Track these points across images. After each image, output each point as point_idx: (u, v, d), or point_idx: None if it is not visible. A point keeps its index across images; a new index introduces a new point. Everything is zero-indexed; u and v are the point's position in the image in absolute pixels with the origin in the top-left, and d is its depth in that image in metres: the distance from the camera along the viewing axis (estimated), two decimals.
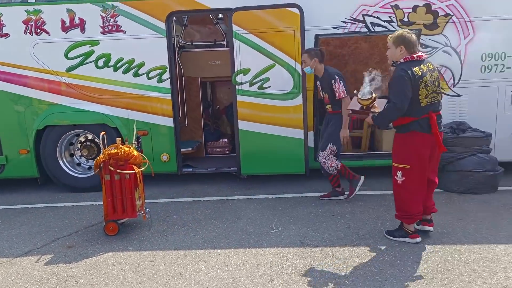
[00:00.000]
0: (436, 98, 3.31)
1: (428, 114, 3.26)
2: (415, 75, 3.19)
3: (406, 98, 3.19)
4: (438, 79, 3.34)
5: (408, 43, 3.27)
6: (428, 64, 3.32)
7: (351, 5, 4.97)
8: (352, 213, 4.27)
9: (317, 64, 4.40)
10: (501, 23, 4.91)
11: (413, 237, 3.50)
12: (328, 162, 4.50)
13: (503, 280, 2.89)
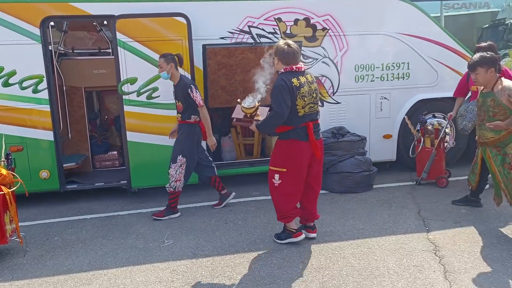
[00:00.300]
0: (313, 108, 3.49)
1: (306, 124, 3.43)
2: (293, 85, 3.34)
3: (286, 106, 3.33)
4: (317, 91, 3.52)
5: (281, 54, 3.41)
6: (307, 75, 3.49)
7: (237, 16, 5.11)
8: (245, 220, 4.36)
9: (174, 70, 4.29)
10: (369, 37, 5.46)
11: (296, 236, 3.65)
12: (175, 176, 4.34)
13: (375, 271, 3.19)
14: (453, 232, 3.82)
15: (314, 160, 3.57)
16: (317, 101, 3.53)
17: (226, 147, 5.76)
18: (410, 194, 4.93)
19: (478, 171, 4.07)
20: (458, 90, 4.93)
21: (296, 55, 3.44)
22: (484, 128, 3.65)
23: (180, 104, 4.35)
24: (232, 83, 5.09)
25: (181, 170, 4.35)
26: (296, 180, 3.54)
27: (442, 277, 3.05)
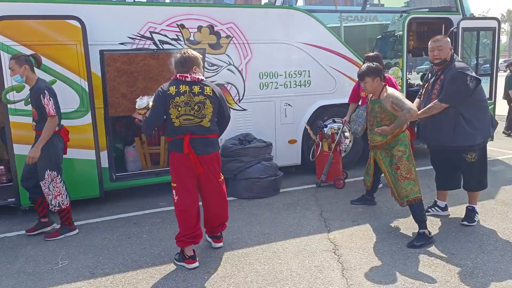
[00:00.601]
0: (192, 121, 3.26)
1: (183, 136, 3.26)
2: (168, 93, 3.21)
3: (155, 112, 3.28)
4: (202, 104, 3.26)
5: (174, 63, 3.34)
6: (195, 86, 3.26)
7: (138, 21, 4.94)
8: (150, 232, 4.20)
9: (29, 73, 3.87)
10: (272, 46, 5.63)
11: (189, 263, 3.40)
12: (52, 193, 3.93)
13: (278, 274, 3.26)
14: (351, 231, 4.05)
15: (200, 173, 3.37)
16: (200, 115, 3.27)
17: (130, 157, 5.53)
18: (314, 197, 5.15)
19: (372, 172, 4.38)
20: (351, 97, 5.29)
21: (184, 63, 3.28)
22: (374, 133, 3.94)
23: (35, 111, 3.91)
24: (134, 91, 4.91)
25: (54, 184, 3.95)
26: (184, 197, 3.37)
27: (340, 275, 3.21)
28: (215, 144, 3.48)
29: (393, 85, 4.70)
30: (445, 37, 3.95)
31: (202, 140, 3.33)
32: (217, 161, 3.50)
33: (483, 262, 3.31)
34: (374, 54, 4.86)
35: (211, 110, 3.32)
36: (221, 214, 3.68)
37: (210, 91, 3.32)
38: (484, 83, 6.62)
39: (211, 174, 3.45)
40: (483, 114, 3.89)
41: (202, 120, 3.30)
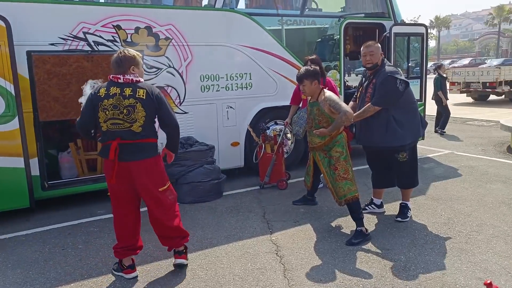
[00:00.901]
0: (120, 126, 3.03)
1: (113, 141, 3.05)
2: (98, 95, 3.03)
3: (84, 115, 3.12)
4: (131, 108, 3.02)
5: (112, 63, 3.14)
6: (127, 89, 3.03)
7: (70, 21, 4.70)
8: (86, 242, 4.00)
9: None
10: (212, 48, 5.59)
11: (127, 273, 3.28)
12: None
13: (221, 279, 3.23)
14: (293, 231, 4.12)
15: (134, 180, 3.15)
16: (130, 119, 3.02)
17: (65, 163, 5.24)
18: (257, 199, 5.18)
19: (312, 173, 4.48)
20: (292, 99, 5.39)
21: (120, 63, 3.07)
22: (313, 134, 4.03)
23: None
24: (67, 94, 4.65)
25: None
26: (116, 205, 3.24)
27: (282, 276, 3.24)
28: (148, 149, 3.16)
29: (333, 88, 4.85)
30: (376, 43, 4.14)
31: (131, 146, 3.08)
32: (150, 168, 3.16)
33: (415, 256, 3.49)
34: (315, 57, 4.98)
35: (143, 115, 3.04)
36: (168, 225, 3.31)
37: (143, 94, 3.04)
38: (415, 86, 7.05)
39: (143, 182, 3.15)
40: (413, 115, 4.12)
41: (132, 125, 3.04)
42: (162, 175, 3.27)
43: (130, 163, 3.09)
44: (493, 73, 15.00)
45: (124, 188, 3.18)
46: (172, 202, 3.34)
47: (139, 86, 3.09)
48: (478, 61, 41.21)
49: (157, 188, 3.22)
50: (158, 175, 3.23)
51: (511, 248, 3.54)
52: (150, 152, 3.18)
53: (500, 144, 8.01)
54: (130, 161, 3.09)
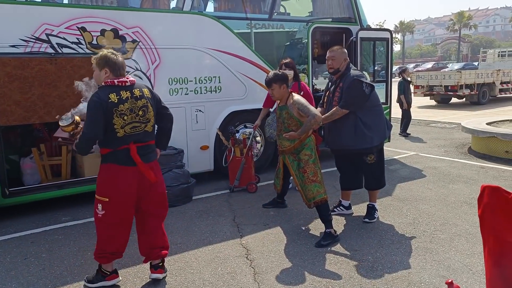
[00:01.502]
0: (138, 128, 2.98)
1: (128, 145, 2.97)
2: (110, 102, 2.87)
3: (96, 126, 2.88)
4: (145, 108, 3.00)
5: (113, 65, 2.96)
6: (135, 90, 2.98)
7: (32, 22, 4.54)
8: (50, 251, 3.87)
9: None
10: (181, 51, 5.54)
11: (110, 279, 3.16)
12: None
13: (191, 285, 3.20)
14: (263, 234, 4.13)
15: (145, 184, 3.07)
16: (145, 120, 3.00)
17: (28, 169, 5.05)
18: (227, 202, 5.16)
19: (281, 176, 4.51)
20: (265, 102, 5.40)
21: (120, 66, 3.00)
22: (282, 138, 4.06)
23: None
24: (29, 98, 4.48)
25: None
26: (121, 212, 3.06)
27: (252, 280, 3.24)
28: (155, 150, 3.22)
29: (308, 93, 4.90)
30: (340, 48, 4.22)
31: (146, 148, 3.07)
32: (158, 169, 3.21)
33: (382, 256, 3.57)
34: (289, 61, 5.01)
35: (153, 114, 3.08)
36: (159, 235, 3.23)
37: (148, 93, 3.08)
38: (381, 89, 7.23)
39: (158, 184, 3.16)
40: (378, 118, 4.22)
41: (146, 125, 3.04)
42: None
43: (150, 164, 3.10)
44: (455, 77, 15.62)
45: (132, 194, 3.05)
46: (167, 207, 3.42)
47: (140, 86, 3.08)
48: (440, 65, 42.82)
49: (164, 189, 3.27)
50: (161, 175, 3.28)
51: (472, 246, 3.68)
52: (156, 153, 3.24)
53: (461, 145, 8.33)
54: (147, 163, 3.07)
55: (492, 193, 1.39)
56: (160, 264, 3.27)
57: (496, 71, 16.85)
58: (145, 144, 3.06)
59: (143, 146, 3.04)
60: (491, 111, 14.02)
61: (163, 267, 3.30)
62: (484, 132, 7.27)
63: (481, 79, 16.08)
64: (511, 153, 6.84)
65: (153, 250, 3.23)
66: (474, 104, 16.23)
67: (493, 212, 1.38)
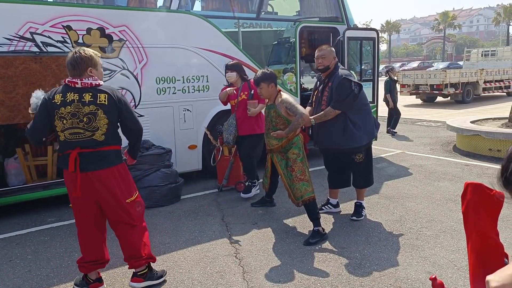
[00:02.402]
0: (81, 135, 2.77)
1: (72, 150, 2.79)
2: (53, 102, 2.74)
3: (33, 125, 2.81)
4: (92, 116, 2.77)
5: (68, 64, 2.81)
6: (86, 94, 2.75)
7: (16, 21, 4.48)
8: (36, 253, 3.82)
9: None
10: (168, 50, 5.52)
11: (93, 287, 3.04)
12: None
13: (180, 284, 3.19)
14: (252, 233, 4.13)
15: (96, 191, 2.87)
16: (91, 127, 2.77)
17: (12, 170, 4.97)
18: (215, 201, 5.16)
19: (269, 174, 4.52)
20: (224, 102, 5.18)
21: (76, 65, 2.77)
22: (270, 137, 4.07)
23: None
24: (14, 97, 4.42)
25: None
26: (77, 216, 2.97)
27: (241, 278, 3.25)
28: (112, 157, 2.88)
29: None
30: (328, 47, 4.25)
31: (94, 154, 2.82)
32: (115, 177, 2.90)
33: (369, 253, 3.61)
34: (235, 62, 5.11)
35: (106, 122, 2.80)
36: (126, 245, 3.04)
37: (104, 99, 2.77)
38: (368, 88, 7.30)
39: (106, 194, 2.88)
40: (367, 116, 4.26)
41: (94, 134, 2.79)
42: (128, 184, 3.00)
43: (92, 173, 2.82)
44: (440, 76, 15.83)
45: (88, 201, 2.89)
46: (140, 214, 3.09)
47: (100, 90, 2.80)
48: (426, 64, 43.37)
49: (124, 199, 2.95)
50: (124, 184, 2.96)
51: (457, 242, 3.75)
52: (114, 160, 2.90)
53: (446, 143, 8.45)
54: (92, 171, 2.82)
55: (475, 190, 1.42)
56: (138, 273, 3.11)
57: (480, 71, 17.14)
58: (94, 151, 2.82)
59: (90, 152, 2.81)
60: (475, 110, 14.25)
61: (143, 276, 3.11)
62: (468, 130, 7.39)
63: (465, 78, 16.33)
64: (494, 150, 6.97)
65: (127, 259, 3.10)
66: (459, 103, 16.48)
67: (476, 209, 1.41)
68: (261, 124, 5.01)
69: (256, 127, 5.05)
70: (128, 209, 2.98)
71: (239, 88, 5.04)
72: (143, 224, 3.14)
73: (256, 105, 4.94)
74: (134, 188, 3.07)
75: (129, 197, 2.98)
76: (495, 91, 18.13)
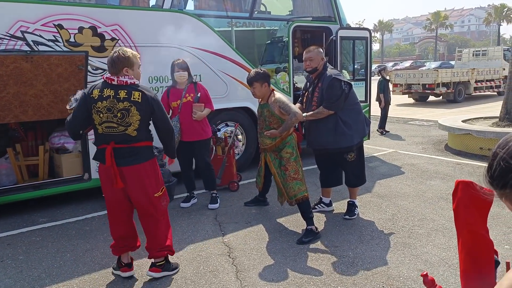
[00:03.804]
0: (115, 129, 2.97)
1: (105, 145, 3.02)
2: (91, 97, 2.97)
3: (73, 118, 3.06)
4: (126, 111, 2.94)
5: (108, 63, 3.05)
6: (121, 91, 2.94)
7: (6, 19, 4.43)
8: (27, 253, 3.79)
9: None
10: (161, 49, 5.49)
11: (124, 271, 3.29)
12: None
13: (173, 284, 3.18)
14: (245, 232, 4.14)
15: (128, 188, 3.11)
16: (124, 123, 2.95)
17: (3, 170, 4.93)
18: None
19: (263, 174, 4.53)
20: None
21: (113, 64, 2.98)
22: (263, 136, 4.08)
23: None
24: (4, 96, 4.37)
25: None
26: (110, 209, 3.23)
27: (235, 278, 3.25)
28: (144, 153, 3.08)
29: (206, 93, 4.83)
30: (316, 48, 4.25)
31: (127, 150, 3.02)
32: (146, 172, 3.09)
33: (362, 251, 3.63)
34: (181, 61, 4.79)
35: (138, 118, 2.97)
36: (151, 236, 3.25)
37: (138, 97, 2.96)
38: (360, 87, 7.34)
39: (137, 188, 3.09)
40: (357, 116, 4.28)
41: (127, 129, 2.97)
42: (157, 179, 3.20)
43: (125, 168, 3.02)
44: (432, 75, 15.94)
45: (119, 194, 3.12)
46: (165, 208, 3.30)
47: (134, 88, 2.98)
48: (418, 64, 43.64)
49: (153, 193, 3.15)
50: (154, 179, 3.16)
51: (448, 240, 3.78)
52: (145, 155, 3.10)
53: (438, 142, 8.52)
54: (125, 166, 3.02)
55: (466, 188, 1.44)
56: (157, 263, 3.27)
57: (471, 70, 17.28)
58: (126, 146, 3.01)
59: (122, 148, 3.01)
60: (466, 109, 14.37)
61: (161, 266, 3.27)
62: (460, 129, 7.45)
63: (457, 78, 16.46)
64: (485, 149, 7.04)
65: (148, 248, 3.29)
66: (451, 102, 16.61)
67: (467, 206, 1.43)
68: (207, 128, 4.83)
69: (203, 132, 4.78)
70: (156, 203, 3.18)
71: (184, 89, 4.74)
72: (167, 218, 3.34)
73: (202, 108, 4.72)
74: (162, 182, 3.27)
75: (157, 191, 3.19)
76: (486, 90, 18.30)
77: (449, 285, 3.03)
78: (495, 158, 0.95)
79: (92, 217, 4.64)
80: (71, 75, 4.60)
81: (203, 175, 4.98)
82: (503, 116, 7.84)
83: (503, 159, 0.93)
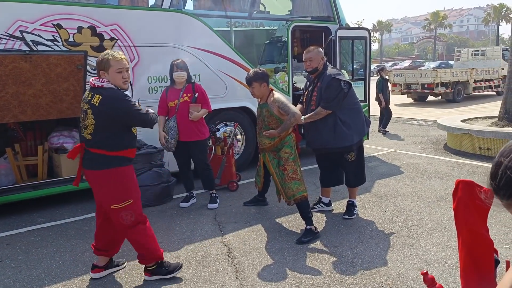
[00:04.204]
0: (84, 132, 3.00)
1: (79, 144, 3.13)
2: (84, 97, 3.07)
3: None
4: (84, 114, 2.97)
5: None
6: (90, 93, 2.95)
7: (6, 19, 4.43)
8: (26, 253, 3.78)
9: None
10: (160, 49, 5.49)
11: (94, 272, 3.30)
12: None
13: (172, 284, 3.18)
14: (244, 232, 4.14)
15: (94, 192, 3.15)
16: (83, 125, 2.99)
17: (2, 170, 4.91)
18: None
19: (262, 174, 4.53)
20: (160, 109, 4.81)
21: (99, 65, 2.96)
22: (262, 136, 4.07)
23: None
24: (3, 96, 4.37)
25: None
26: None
27: (234, 277, 3.25)
28: (97, 160, 2.96)
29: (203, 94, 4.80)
30: (316, 48, 4.25)
31: (86, 153, 3.04)
32: (101, 181, 3.00)
33: (361, 251, 3.63)
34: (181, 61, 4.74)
35: (92, 122, 2.92)
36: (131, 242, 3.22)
37: (96, 101, 2.88)
38: (359, 87, 7.34)
39: (96, 192, 3.10)
40: (356, 115, 4.28)
41: (84, 131, 3.01)
42: (118, 191, 2.99)
43: (86, 171, 3.07)
44: (431, 75, 15.96)
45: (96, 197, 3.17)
46: (128, 223, 3.05)
47: (99, 92, 2.91)
48: (417, 64, 43.66)
49: (109, 204, 3.02)
50: (112, 190, 2.99)
51: (448, 239, 3.78)
52: (99, 163, 2.96)
53: (437, 142, 8.52)
54: (84, 169, 3.08)
55: (466, 187, 1.44)
56: (147, 268, 3.26)
57: (470, 70, 17.30)
58: (86, 149, 3.04)
59: (85, 150, 3.05)
60: (465, 109, 14.39)
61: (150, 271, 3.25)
62: (459, 129, 7.46)
63: (456, 78, 16.47)
64: (484, 149, 7.04)
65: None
66: (450, 102, 16.62)
67: (467, 206, 1.43)
68: (204, 129, 4.81)
69: (199, 132, 4.75)
70: (113, 216, 3.07)
71: (182, 89, 4.71)
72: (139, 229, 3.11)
73: (199, 109, 4.68)
74: (126, 196, 3.02)
75: (115, 203, 3.01)
76: (485, 90, 18.31)
77: (448, 285, 3.03)
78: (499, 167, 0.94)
79: (91, 217, 4.63)
80: (70, 75, 4.60)
81: (201, 176, 4.97)
82: (502, 116, 7.85)
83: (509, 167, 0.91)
